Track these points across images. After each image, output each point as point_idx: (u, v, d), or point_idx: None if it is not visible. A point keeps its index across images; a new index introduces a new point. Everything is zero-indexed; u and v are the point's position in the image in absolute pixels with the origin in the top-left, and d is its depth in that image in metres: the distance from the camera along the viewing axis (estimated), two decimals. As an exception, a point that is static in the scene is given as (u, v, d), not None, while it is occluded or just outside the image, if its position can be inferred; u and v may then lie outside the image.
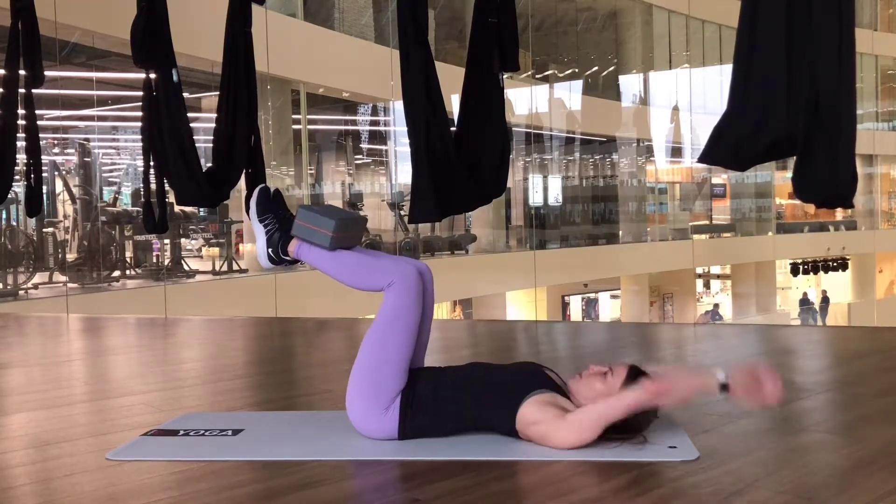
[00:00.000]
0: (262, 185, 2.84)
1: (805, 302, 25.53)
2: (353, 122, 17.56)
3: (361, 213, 14.57)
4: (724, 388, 2.26)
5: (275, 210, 2.71)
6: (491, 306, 18.45)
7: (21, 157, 4.84)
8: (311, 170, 15.57)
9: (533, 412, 2.32)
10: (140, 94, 3.66)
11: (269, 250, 2.66)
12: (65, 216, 11.93)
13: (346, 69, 13.72)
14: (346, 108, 17.19)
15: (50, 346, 5.44)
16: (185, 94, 3.87)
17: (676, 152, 23.24)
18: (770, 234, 24.49)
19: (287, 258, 2.66)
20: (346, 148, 17.36)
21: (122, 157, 16.14)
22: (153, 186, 4.09)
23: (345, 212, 2.71)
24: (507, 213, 17.92)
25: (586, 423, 2.26)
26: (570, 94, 20.48)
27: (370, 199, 16.31)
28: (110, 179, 15.99)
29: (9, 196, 5.34)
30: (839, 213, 25.36)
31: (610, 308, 23.52)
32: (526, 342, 5.03)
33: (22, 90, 4.72)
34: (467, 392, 2.41)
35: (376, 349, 2.44)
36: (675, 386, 2.28)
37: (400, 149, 15.53)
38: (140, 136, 3.94)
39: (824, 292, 26.04)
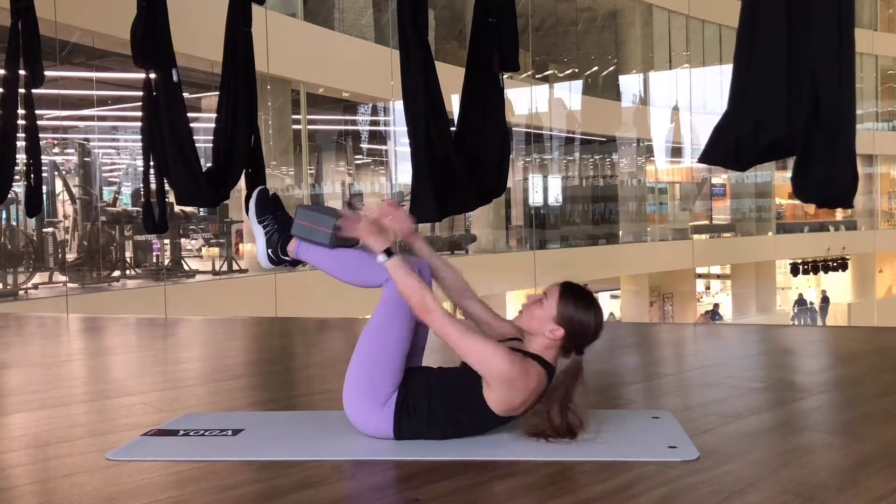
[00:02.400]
0: (261, 186, 2.85)
1: (801, 302, 25.52)
2: (353, 122, 17.56)
3: (361, 213, 14.55)
4: (387, 252, 2.45)
5: (273, 211, 2.73)
6: (491, 306, 18.40)
7: (21, 157, 4.84)
8: (311, 170, 15.57)
9: (489, 392, 2.35)
10: (140, 94, 3.65)
11: (269, 251, 2.68)
12: (65, 216, 11.93)
13: (346, 69, 13.71)
14: (346, 108, 17.19)
15: (50, 346, 5.44)
16: (185, 94, 3.87)
17: (676, 152, 23.25)
18: (770, 234, 24.50)
19: (287, 258, 2.67)
20: (346, 148, 17.36)
21: (122, 157, 16.14)
22: (153, 186, 4.08)
23: (343, 211, 2.74)
24: (507, 213, 17.92)
25: (460, 348, 2.34)
26: (570, 94, 20.48)
27: (370, 199, 16.30)
28: (110, 179, 15.98)
29: (9, 196, 5.34)
30: (839, 213, 25.37)
31: (610, 308, 23.53)
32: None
33: (22, 90, 4.72)
34: (451, 396, 2.40)
35: (374, 344, 2.45)
36: (408, 296, 2.38)
37: (400, 149, 15.53)
38: (140, 136, 3.94)
39: (824, 292, 26.04)
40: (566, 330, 2.37)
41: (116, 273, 11.24)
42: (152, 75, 3.63)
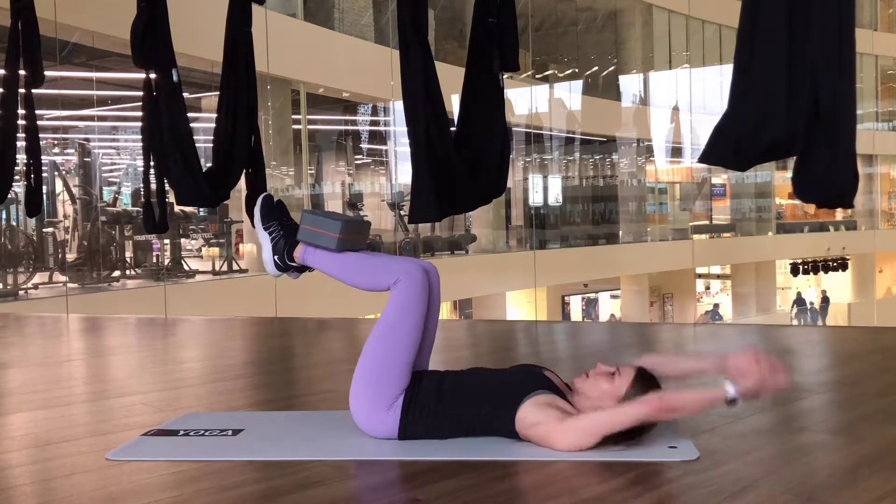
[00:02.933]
0: (266, 193, 2.84)
1: (800, 302, 25.51)
2: (353, 122, 17.56)
3: (361, 213, 14.58)
4: (732, 402, 2.21)
5: (279, 217, 2.71)
6: (491, 306, 18.44)
7: (21, 157, 4.84)
8: (311, 170, 15.57)
9: (532, 413, 2.32)
10: (140, 94, 3.65)
11: (276, 257, 2.67)
12: (65, 216, 11.93)
13: (346, 69, 13.72)
14: (346, 108, 17.19)
15: (50, 346, 5.44)
16: (185, 94, 3.86)
17: (676, 152, 23.25)
18: (770, 234, 24.50)
19: (293, 264, 2.67)
20: (346, 148, 17.36)
21: (122, 157, 16.14)
22: (153, 186, 4.08)
23: (348, 216, 2.73)
24: (507, 213, 17.92)
25: (587, 431, 2.25)
26: (570, 94, 20.48)
27: (370, 199, 16.31)
28: (110, 179, 15.99)
29: (9, 196, 5.33)
30: (839, 213, 25.36)
31: (610, 308, 23.53)
32: (526, 342, 5.03)
33: (22, 90, 4.71)
34: (467, 399, 2.40)
35: (381, 347, 2.45)
36: (682, 404, 2.26)
37: (400, 149, 15.53)
38: (140, 136, 3.94)
39: (824, 292, 26.03)
40: None
41: (116, 273, 11.24)
42: (152, 75, 3.62)
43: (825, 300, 25.71)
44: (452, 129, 3.60)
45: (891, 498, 1.92)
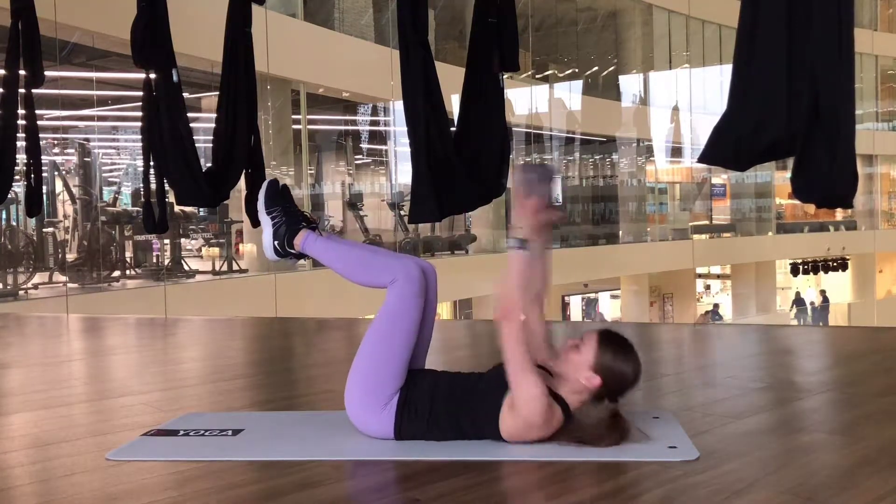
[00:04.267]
0: (272, 178, 2.84)
1: (799, 302, 25.51)
2: (353, 122, 17.56)
3: (361, 213, 14.59)
4: (521, 247, 2.30)
5: (282, 203, 2.71)
6: (491, 306, 18.43)
7: (21, 157, 4.84)
8: (311, 170, 15.57)
9: (506, 418, 2.32)
10: (140, 94, 3.65)
11: (276, 242, 2.67)
12: (65, 216, 11.93)
13: (346, 69, 13.71)
14: (346, 108, 17.19)
15: (50, 346, 5.44)
16: (185, 94, 3.87)
17: (676, 152, 23.25)
18: (770, 234, 24.50)
19: (292, 251, 2.66)
20: (346, 148, 17.36)
21: (122, 157, 16.14)
22: (153, 186, 4.08)
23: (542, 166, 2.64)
24: (507, 213, 17.91)
25: (516, 381, 2.28)
26: (570, 94, 20.47)
27: (370, 199, 16.31)
28: (110, 179, 15.98)
29: (9, 196, 5.33)
30: (839, 213, 25.37)
31: (610, 308, 23.52)
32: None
33: (22, 90, 4.71)
34: (458, 405, 2.40)
35: (377, 346, 2.45)
36: (504, 290, 2.31)
37: (400, 149, 15.53)
38: (140, 136, 3.94)
39: (823, 292, 26.03)
40: (603, 378, 2.33)
41: (116, 273, 11.24)
42: (152, 75, 3.63)
43: (825, 300, 25.71)
44: (452, 129, 3.60)
45: (891, 498, 1.92)
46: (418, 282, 2.48)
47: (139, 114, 3.77)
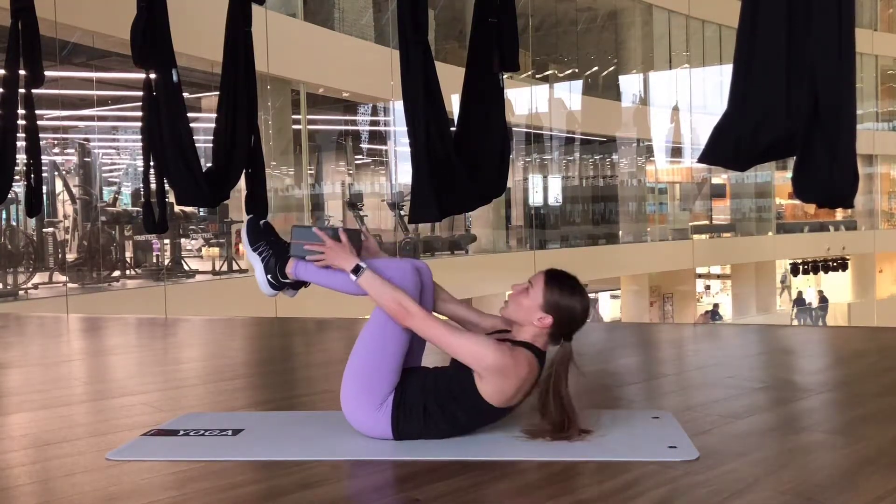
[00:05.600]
0: (250, 216, 2.88)
1: (800, 302, 25.52)
2: (353, 122, 17.56)
3: (361, 213, 14.58)
4: (356, 269, 2.45)
5: (266, 237, 2.75)
6: (491, 306, 18.41)
7: (21, 157, 4.83)
8: (311, 170, 15.57)
9: (482, 385, 2.36)
10: (140, 94, 3.65)
11: (268, 276, 2.70)
12: (65, 216, 11.93)
13: (346, 69, 13.71)
14: (346, 108, 17.19)
15: (50, 346, 5.44)
16: (185, 94, 3.86)
17: (676, 152, 23.25)
18: (770, 234, 24.50)
19: (287, 281, 2.69)
20: (346, 148, 17.36)
21: (122, 157, 16.14)
22: (153, 186, 4.07)
23: (337, 226, 2.78)
24: (507, 213, 17.92)
25: (448, 346, 2.37)
26: (570, 94, 20.47)
27: (370, 199, 16.31)
28: (110, 179, 15.99)
29: (9, 196, 5.33)
30: (839, 213, 25.37)
31: (610, 308, 23.52)
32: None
33: (22, 90, 4.71)
34: (446, 396, 2.41)
35: (372, 346, 2.45)
36: (387, 303, 2.41)
37: (400, 149, 15.53)
38: (140, 136, 3.94)
39: (821, 292, 26.03)
40: (554, 317, 2.39)
41: (116, 273, 11.24)
42: (152, 75, 3.62)
43: (823, 300, 25.71)
44: (452, 129, 3.60)
45: (891, 498, 1.92)
46: (412, 281, 2.49)
47: (139, 114, 3.76)
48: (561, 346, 2.42)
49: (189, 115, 3.73)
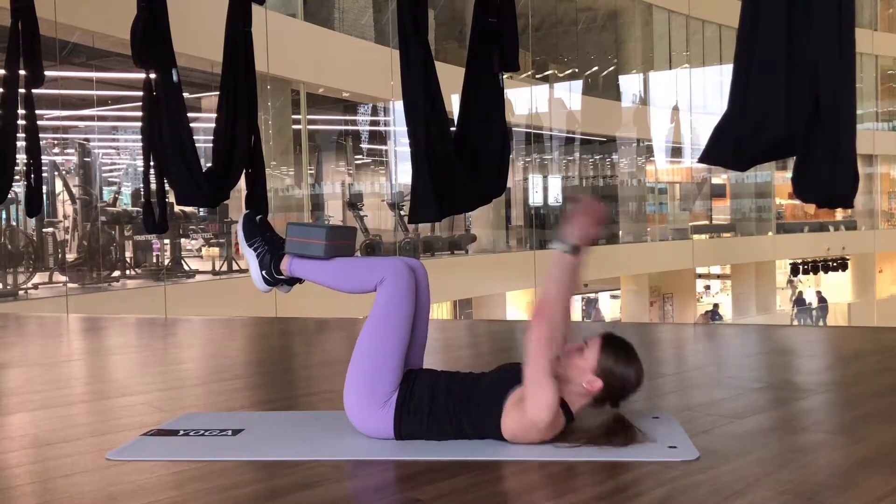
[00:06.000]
0: (246, 212, 2.88)
1: (800, 302, 25.50)
2: (353, 122, 17.56)
3: (361, 213, 14.58)
4: (574, 249, 2.29)
5: (262, 233, 2.75)
6: (491, 306, 18.44)
7: (21, 157, 4.83)
8: (311, 170, 15.57)
9: (511, 418, 2.32)
10: (140, 94, 3.65)
11: (263, 272, 2.70)
12: (65, 216, 11.93)
13: (346, 69, 13.71)
14: (346, 108, 17.19)
15: (50, 346, 5.44)
16: (185, 94, 3.86)
17: (676, 152, 23.25)
18: (770, 234, 24.49)
19: (281, 277, 2.70)
20: (346, 148, 17.36)
21: (122, 157, 16.14)
22: (153, 186, 4.08)
23: (333, 224, 2.78)
24: (507, 213, 17.92)
25: (533, 383, 2.26)
26: (570, 94, 20.47)
27: (370, 199, 16.31)
28: (110, 179, 15.99)
29: (9, 196, 5.33)
30: (839, 213, 25.37)
31: (610, 308, 23.52)
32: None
33: (22, 90, 4.71)
34: (458, 406, 2.40)
35: (371, 345, 2.45)
36: (547, 290, 2.31)
37: (400, 149, 15.53)
38: (140, 136, 3.94)
39: (819, 293, 26.02)
40: (605, 383, 2.33)
41: (116, 273, 11.24)
42: (152, 75, 3.62)
43: (822, 301, 25.70)
44: (452, 129, 3.60)
45: (891, 498, 1.92)
46: (406, 279, 2.49)
47: (139, 114, 3.76)
48: (612, 416, 2.36)
49: (189, 115, 3.73)
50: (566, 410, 2.34)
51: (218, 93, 3.63)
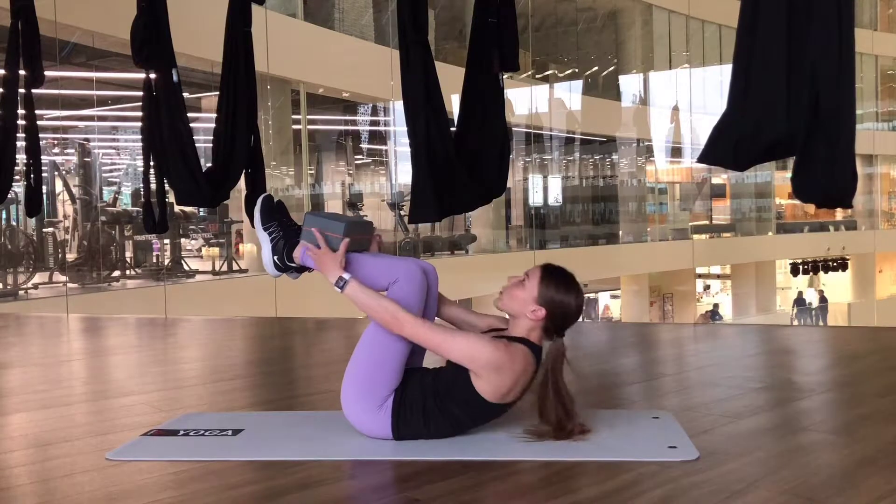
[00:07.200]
0: (266, 193, 2.84)
1: (800, 302, 25.50)
2: (353, 122, 17.56)
3: (361, 213, 14.58)
4: (342, 283, 2.42)
5: (279, 218, 2.72)
6: (491, 306, 18.39)
7: (21, 157, 4.83)
8: (311, 170, 15.58)
9: (477, 384, 2.37)
10: (140, 94, 3.65)
11: (275, 258, 2.68)
12: (65, 216, 11.94)
13: (346, 69, 13.71)
14: (346, 108, 17.19)
15: (50, 346, 5.44)
16: (185, 94, 3.86)
17: (676, 152, 23.25)
18: (770, 234, 24.50)
19: (293, 265, 2.67)
20: (346, 148, 17.36)
21: (122, 157, 16.15)
22: (153, 186, 4.08)
23: (352, 216, 2.73)
24: (507, 213, 17.91)
25: (429, 340, 2.38)
26: (570, 94, 20.47)
27: (370, 199, 16.31)
28: (110, 179, 16.00)
29: (9, 196, 5.33)
30: (839, 213, 25.37)
31: (610, 308, 23.52)
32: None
33: (22, 90, 4.71)
34: (446, 397, 2.41)
35: (374, 347, 2.45)
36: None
37: (400, 149, 15.53)
38: (140, 136, 3.94)
39: (821, 292, 26.02)
40: (548, 311, 2.40)
41: (116, 273, 11.24)
42: (152, 75, 3.62)
43: (823, 300, 25.70)
44: (452, 129, 3.60)
45: (891, 498, 1.92)
46: (419, 283, 2.48)
47: (139, 114, 3.76)
48: (553, 343, 2.42)
49: (189, 115, 3.73)
50: (528, 343, 2.40)
51: (218, 93, 3.64)
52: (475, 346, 2.35)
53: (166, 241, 11.89)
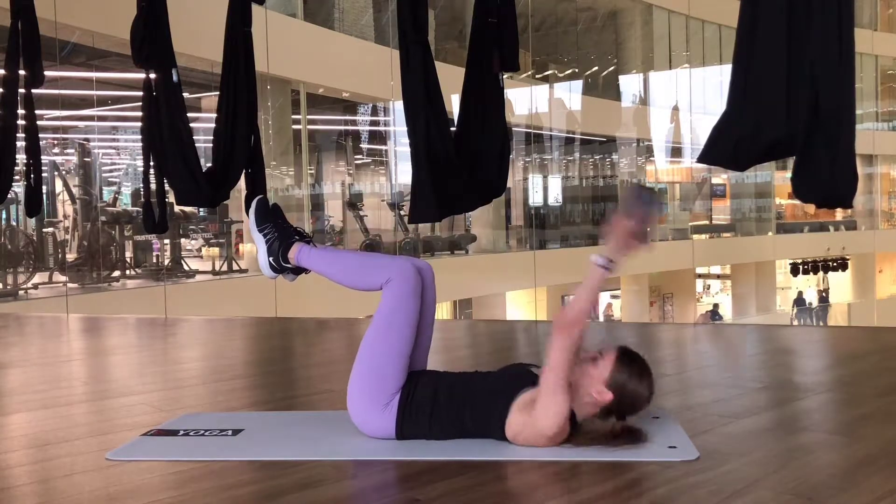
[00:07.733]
0: (260, 196, 2.86)
1: (800, 302, 25.50)
2: (353, 122, 17.56)
3: (361, 213, 14.59)
4: (606, 267, 2.27)
5: (273, 219, 2.74)
6: (491, 306, 18.44)
7: (21, 157, 4.84)
8: (311, 170, 15.57)
9: (517, 419, 2.32)
10: (140, 94, 3.65)
11: (270, 259, 2.69)
12: (65, 216, 11.94)
13: (346, 69, 13.71)
14: (346, 108, 17.19)
15: (50, 346, 5.44)
16: (185, 94, 3.86)
17: (676, 152, 23.24)
18: (770, 234, 24.49)
19: (288, 265, 2.68)
20: (346, 148, 17.36)
21: (122, 157, 16.15)
22: (153, 186, 4.08)
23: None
24: (507, 213, 17.91)
25: (548, 392, 2.25)
26: (570, 94, 20.47)
27: (370, 199, 16.31)
28: (110, 179, 15.99)
29: (9, 196, 5.34)
30: (839, 213, 25.36)
31: (610, 308, 23.51)
32: (526, 342, 5.03)
33: (22, 90, 4.71)
34: (462, 403, 2.40)
35: (376, 346, 2.45)
36: (575, 305, 2.29)
37: (400, 149, 15.53)
38: (140, 136, 3.94)
39: (821, 292, 26.00)
40: (616, 396, 2.31)
41: (116, 273, 11.24)
42: (152, 75, 3.62)
43: (823, 300, 25.69)
44: (452, 129, 3.60)
45: (891, 498, 1.92)
46: (413, 280, 2.48)
47: (139, 114, 3.76)
48: (614, 425, 2.33)
49: (189, 115, 3.74)
50: (572, 418, 2.32)
51: (218, 93, 3.64)
52: (562, 414, 2.25)
53: (166, 241, 11.89)
